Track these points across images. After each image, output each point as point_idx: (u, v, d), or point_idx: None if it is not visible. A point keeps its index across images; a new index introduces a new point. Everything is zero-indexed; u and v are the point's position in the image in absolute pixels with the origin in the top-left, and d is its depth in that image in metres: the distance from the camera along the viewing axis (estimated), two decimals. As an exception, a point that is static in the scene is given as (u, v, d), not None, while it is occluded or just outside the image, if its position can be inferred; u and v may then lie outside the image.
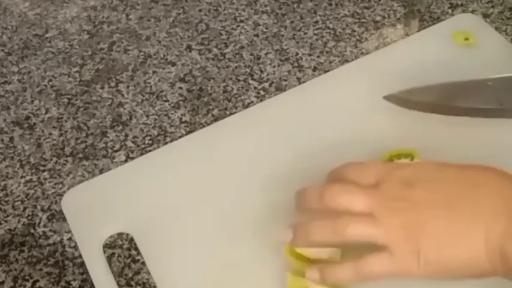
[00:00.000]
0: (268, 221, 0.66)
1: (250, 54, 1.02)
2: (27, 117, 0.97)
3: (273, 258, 0.63)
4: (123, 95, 0.98)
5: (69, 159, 0.90)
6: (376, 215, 0.51)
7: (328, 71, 0.95)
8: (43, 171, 0.89)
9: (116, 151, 0.90)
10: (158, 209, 0.70)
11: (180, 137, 0.90)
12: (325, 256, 0.59)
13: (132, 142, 0.90)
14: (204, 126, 0.90)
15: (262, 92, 0.95)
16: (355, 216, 0.52)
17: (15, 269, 0.79)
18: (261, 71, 0.98)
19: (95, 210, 0.71)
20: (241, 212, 0.67)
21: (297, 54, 1.01)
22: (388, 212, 0.50)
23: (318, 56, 1.01)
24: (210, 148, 0.74)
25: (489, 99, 0.63)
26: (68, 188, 0.84)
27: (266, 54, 1.01)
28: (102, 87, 0.99)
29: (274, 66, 0.99)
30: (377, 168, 0.54)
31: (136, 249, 0.77)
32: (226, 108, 0.93)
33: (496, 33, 0.80)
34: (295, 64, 0.99)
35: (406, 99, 0.66)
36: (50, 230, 0.82)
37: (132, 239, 0.72)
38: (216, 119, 0.91)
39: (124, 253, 0.77)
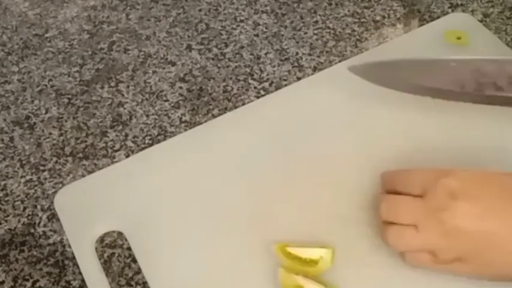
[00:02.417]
0: (261, 219, 0.66)
1: (250, 54, 1.02)
2: (27, 117, 0.97)
3: (265, 255, 0.63)
4: (123, 95, 0.98)
5: (69, 158, 0.90)
6: (419, 227, 0.53)
7: (328, 70, 0.96)
8: (43, 170, 0.89)
9: (116, 151, 0.90)
10: (150, 207, 0.70)
11: (180, 136, 0.90)
12: (317, 256, 0.59)
13: (132, 142, 0.90)
14: (204, 126, 0.90)
15: (262, 92, 0.95)
16: (400, 228, 0.54)
17: (15, 269, 0.79)
18: (261, 71, 0.98)
19: (88, 208, 0.71)
20: (234, 210, 0.67)
21: (297, 53, 1.01)
22: (431, 223, 0.52)
23: (318, 56, 1.01)
24: (203, 147, 0.74)
25: (451, 80, 0.64)
26: (68, 188, 0.84)
27: (266, 54, 1.01)
28: (102, 87, 1.00)
29: (274, 66, 0.99)
30: (423, 177, 0.55)
31: (136, 248, 0.77)
32: (226, 108, 0.93)
33: (488, 33, 0.80)
34: (295, 64, 0.99)
35: (369, 72, 0.67)
36: (50, 230, 0.82)
37: (132, 239, 0.72)
38: (216, 119, 0.91)
39: (124, 253, 0.77)
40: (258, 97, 0.93)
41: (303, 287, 0.58)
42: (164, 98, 0.96)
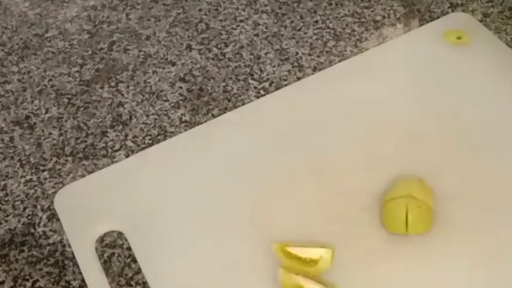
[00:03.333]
0: (261, 219, 0.66)
1: (250, 54, 1.02)
2: (27, 117, 0.97)
3: (265, 255, 0.63)
4: (123, 95, 0.98)
5: (69, 158, 0.90)
6: None
7: (328, 70, 0.95)
8: (43, 170, 0.89)
9: (116, 151, 0.90)
10: (150, 207, 0.70)
11: (180, 136, 0.90)
12: (317, 256, 0.59)
13: (132, 142, 0.90)
14: (204, 125, 0.90)
15: (262, 92, 0.95)
16: None
17: (15, 269, 0.79)
18: (261, 71, 0.98)
19: (88, 208, 0.71)
20: (234, 210, 0.67)
21: (297, 53, 1.01)
22: None
23: (318, 56, 1.01)
24: (203, 147, 0.73)
25: None
26: (68, 188, 0.84)
27: (266, 53, 1.01)
28: (102, 87, 1.00)
29: (274, 66, 0.99)
30: None
31: (136, 248, 0.77)
32: (226, 108, 0.93)
33: (488, 32, 0.79)
34: (295, 64, 0.99)
35: None
36: (50, 230, 0.82)
37: (131, 239, 0.72)
38: (216, 119, 0.91)
39: (124, 253, 0.77)
40: (258, 97, 0.93)
41: (303, 287, 0.58)
42: (164, 98, 0.96)
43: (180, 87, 0.97)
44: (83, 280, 0.75)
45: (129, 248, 0.78)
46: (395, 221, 0.61)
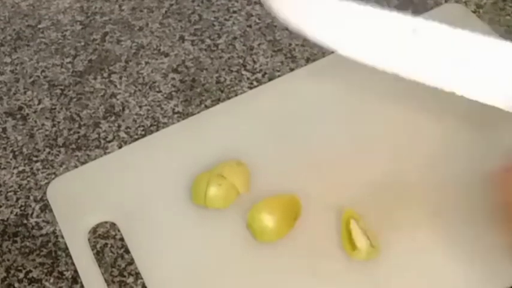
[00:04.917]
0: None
1: (243, 45, 1.02)
2: (20, 108, 0.97)
3: (260, 247, 0.63)
4: (116, 86, 0.98)
5: (62, 149, 0.90)
6: None
7: (321, 61, 0.95)
8: (36, 161, 0.89)
9: (109, 141, 0.90)
10: (143, 198, 0.70)
11: (173, 127, 0.90)
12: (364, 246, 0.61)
13: (125, 133, 0.90)
14: (197, 117, 0.90)
15: (255, 83, 0.95)
16: None
17: (8, 260, 0.79)
18: (254, 62, 0.98)
19: (80, 199, 0.71)
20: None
21: (290, 45, 1.01)
22: None
23: (311, 47, 1.01)
24: (196, 138, 0.74)
25: None
26: (61, 179, 0.84)
27: (259, 45, 1.01)
28: (95, 78, 0.99)
29: (267, 57, 0.99)
30: None
31: (129, 239, 0.77)
32: (219, 99, 0.93)
33: (482, 24, 0.80)
34: (288, 55, 0.99)
35: None
36: (43, 221, 0.82)
37: (124, 230, 0.72)
38: (209, 110, 0.91)
39: (117, 244, 0.77)
40: (250, 88, 0.93)
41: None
42: (157, 89, 0.96)
43: (173, 78, 0.97)
44: (76, 271, 0.75)
45: (122, 239, 0.78)
46: (197, 194, 0.65)
